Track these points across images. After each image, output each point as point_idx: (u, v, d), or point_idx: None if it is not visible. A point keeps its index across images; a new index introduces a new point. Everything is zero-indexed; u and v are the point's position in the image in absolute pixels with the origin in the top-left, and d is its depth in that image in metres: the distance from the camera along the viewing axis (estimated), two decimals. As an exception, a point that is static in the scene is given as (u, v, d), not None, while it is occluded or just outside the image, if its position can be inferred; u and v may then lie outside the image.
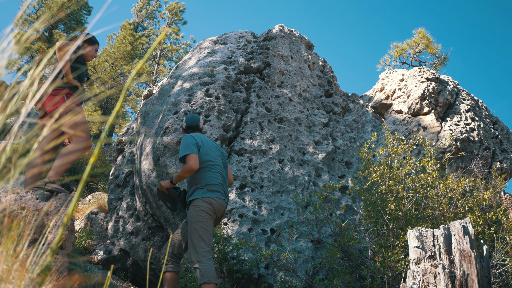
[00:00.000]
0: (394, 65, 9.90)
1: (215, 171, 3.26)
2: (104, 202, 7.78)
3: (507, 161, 6.85)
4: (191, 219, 3.06)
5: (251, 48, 6.60)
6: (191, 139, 3.26)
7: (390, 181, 3.63)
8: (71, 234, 3.31)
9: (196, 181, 3.19)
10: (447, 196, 3.64)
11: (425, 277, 2.44)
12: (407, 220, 3.52)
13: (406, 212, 3.52)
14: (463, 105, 7.19)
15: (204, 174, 3.20)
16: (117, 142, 6.73)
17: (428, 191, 3.69)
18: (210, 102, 5.27)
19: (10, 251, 0.84)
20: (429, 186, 3.75)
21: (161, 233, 5.57)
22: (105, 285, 0.81)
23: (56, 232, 3.02)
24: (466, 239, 2.49)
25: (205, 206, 3.07)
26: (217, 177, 3.25)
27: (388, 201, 3.54)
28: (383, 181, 3.69)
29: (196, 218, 3.04)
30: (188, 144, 3.20)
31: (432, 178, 3.72)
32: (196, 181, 3.19)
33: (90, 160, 0.59)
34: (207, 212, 3.07)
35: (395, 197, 3.60)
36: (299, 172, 5.22)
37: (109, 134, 23.98)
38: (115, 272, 5.80)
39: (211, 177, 3.21)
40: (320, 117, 6.24)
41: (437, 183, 3.73)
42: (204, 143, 3.33)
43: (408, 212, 3.54)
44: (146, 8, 25.56)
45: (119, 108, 0.61)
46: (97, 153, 0.59)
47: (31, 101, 0.69)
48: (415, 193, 3.64)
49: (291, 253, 4.21)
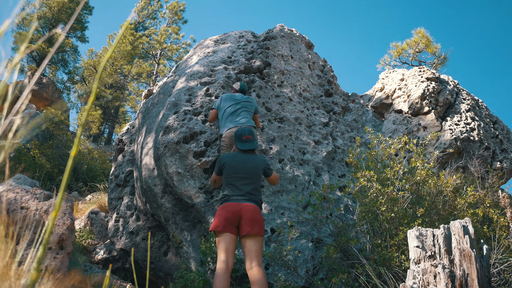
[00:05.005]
0: (394, 65, 9.89)
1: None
2: (104, 201, 7.79)
3: (507, 161, 6.84)
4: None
5: (251, 47, 6.60)
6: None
7: (378, 184, 3.63)
8: (71, 234, 3.32)
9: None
10: (439, 194, 3.64)
11: (425, 277, 2.44)
12: (400, 220, 3.52)
13: (398, 212, 3.52)
14: (463, 104, 7.18)
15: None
16: (117, 141, 6.73)
17: (419, 190, 3.70)
18: (210, 102, 5.27)
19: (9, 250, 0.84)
20: (419, 185, 3.76)
21: (161, 233, 5.57)
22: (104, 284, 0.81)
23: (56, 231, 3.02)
24: (466, 238, 2.49)
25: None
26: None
27: (379, 202, 3.55)
28: (371, 185, 3.70)
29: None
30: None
31: (422, 177, 3.72)
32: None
33: (71, 153, 0.58)
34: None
35: (387, 198, 3.60)
36: (299, 172, 5.22)
37: (109, 134, 23.99)
38: (115, 271, 5.80)
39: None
40: (320, 117, 6.23)
41: (430, 181, 3.73)
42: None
43: (400, 212, 3.54)
44: (147, 8, 25.57)
45: (93, 98, 0.61)
46: (77, 143, 0.59)
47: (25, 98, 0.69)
48: (408, 193, 3.65)
49: (292, 252, 4.21)
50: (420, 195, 3.72)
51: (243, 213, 3.40)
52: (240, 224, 3.40)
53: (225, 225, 3.36)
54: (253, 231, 3.33)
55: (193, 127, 4.91)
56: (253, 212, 3.43)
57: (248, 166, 3.67)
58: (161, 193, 4.84)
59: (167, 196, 4.82)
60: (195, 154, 4.78)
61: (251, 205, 3.46)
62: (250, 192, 3.55)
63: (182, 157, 4.71)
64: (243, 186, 3.56)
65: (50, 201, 3.29)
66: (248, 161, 3.71)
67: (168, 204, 4.82)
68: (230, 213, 3.40)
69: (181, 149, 4.73)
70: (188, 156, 4.73)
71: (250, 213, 3.40)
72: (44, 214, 3.08)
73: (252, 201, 3.50)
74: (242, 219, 3.39)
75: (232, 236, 3.37)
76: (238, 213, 3.41)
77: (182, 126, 4.87)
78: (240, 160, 3.71)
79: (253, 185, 3.60)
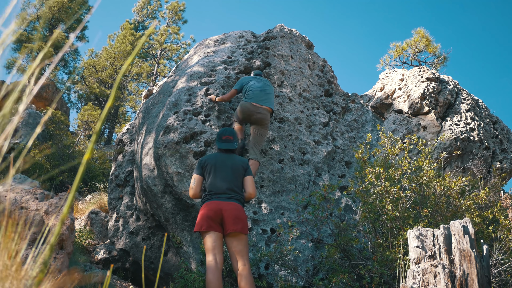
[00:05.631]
0: (394, 65, 9.89)
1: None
2: (104, 201, 7.79)
3: (507, 161, 6.85)
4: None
5: (251, 47, 6.60)
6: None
7: (386, 182, 3.63)
8: (71, 234, 3.32)
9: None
10: (443, 195, 3.64)
11: (425, 277, 2.44)
12: (404, 220, 3.52)
13: (403, 212, 3.52)
14: (463, 104, 7.19)
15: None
16: (117, 141, 6.73)
17: (425, 190, 3.69)
18: (210, 102, 5.27)
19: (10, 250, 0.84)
20: (425, 185, 3.75)
21: (161, 233, 5.57)
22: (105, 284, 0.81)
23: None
24: (466, 238, 2.49)
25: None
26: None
27: (385, 201, 3.54)
28: (380, 182, 3.69)
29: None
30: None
31: (428, 178, 3.72)
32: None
33: (84, 157, 0.58)
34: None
35: (392, 197, 3.60)
36: (299, 172, 5.22)
37: (109, 134, 23.99)
38: (115, 271, 5.80)
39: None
40: (320, 117, 6.24)
41: (435, 182, 3.73)
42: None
43: (405, 212, 3.54)
44: (147, 8, 25.56)
45: (111, 104, 0.61)
46: (91, 149, 0.59)
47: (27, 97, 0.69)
48: (413, 193, 3.64)
49: (292, 251, 4.21)
50: (425, 195, 3.72)
51: (224, 211, 3.39)
52: (223, 223, 3.39)
53: (208, 224, 3.36)
54: (236, 228, 3.32)
55: (193, 127, 4.92)
56: (235, 210, 3.42)
57: (227, 164, 3.68)
58: (161, 193, 4.85)
59: (167, 196, 4.82)
60: (195, 154, 4.78)
61: (232, 203, 3.46)
62: (231, 190, 3.53)
63: (182, 157, 4.72)
64: (224, 183, 3.55)
65: (50, 201, 3.29)
66: (228, 160, 3.73)
67: (168, 204, 4.82)
68: (212, 212, 3.39)
69: (181, 149, 4.73)
70: (188, 156, 4.73)
71: (232, 211, 3.40)
72: (44, 214, 3.08)
73: (234, 199, 3.49)
74: (224, 217, 3.38)
75: (218, 234, 3.37)
76: (220, 211, 3.40)
77: (182, 126, 4.88)
78: (220, 159, 3.73)
79: (234, 183, 3.59)
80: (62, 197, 3.08)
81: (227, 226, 3.37)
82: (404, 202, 3.53)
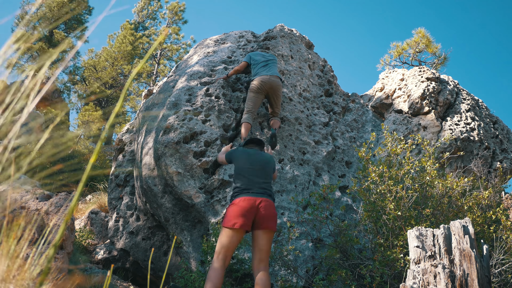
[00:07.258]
0: (394, 65, 9.89)
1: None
2: (104, 201, 7.79)
3: (507, 161, 6.85)
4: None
5: (251, 47, 6.59)
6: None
7: (389, 180, 3.63)
8: (71, 234, 3.32)
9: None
10: (445, 195, 3.64)
11: (425, 277, 2.44)
12: (406, 219, 3.52)
13: (405, 211, 3.52)
14: (463, 104, 7.19)
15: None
16: (118, 141, 6.73)
17: (427, 190, 3.69)
18: (210, 102, 5.27)
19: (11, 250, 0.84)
20: (427, 185, 3.75)
21: (161, 233, 5.57)
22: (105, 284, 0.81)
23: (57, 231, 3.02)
24: (466, 238, 2.49)
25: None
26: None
27: (387, 200, 3.54)
28: (382, 181, 3.69)
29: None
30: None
31: (430, 178, 3.72)
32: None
33: (90, 159, 0.59)
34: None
35: (394, 197, 3.60)
36: (299, 172, 5.22)
37: (109, 134, 23.99)
38: (115, 271, 5.80)
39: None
40: (320, 117, 6.24)
41: (436, 183, 3.73)
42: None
43: (407, 212, 3.54)
44: (147, 8, 25.56)
45: (119, 108, 0.61)
46: (97, 152, 0.59)
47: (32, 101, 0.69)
48: (414, 192, 3.64)
49: (292, 252, 4.21)
50: (427, 195, 3.71)
51: (261, 207, 3.27)
52: (257, 219, 3.26)
53: (242, 222, 3.18)
54: (271, 226, 3.24)
55: (193, 127, 4.92)
56: (271, 207, 3.33)
57: (260, 158, 3.62)
58: (161, 193, 4.85)
59: (167, 196, 4.82)
60: (195, 154, 4.78)
61: (268, 200, 3.35)
62: (263, 186, 3.44)
63: (182, 157, 4.72)
64: (256, 178, 3.45)
65: (50, 201, 3.29)
66: (259, 155, 3.69)
67: (168, 204, 4.82)
68: (247, 208, 3.24)
69: (181, 149, 4.73)
70: (188, 156, 4.73)
71: (269, 208, 3.29)
72: (44, 214, 3.08)
73: (267, 195, 3.39)
74: (259, 214, 3.25)
75: (242, 233, 3.24)
76: (255, 207, 3.26)
77: (182, 126, 4.87)
78: (252, 153, 3.68)
79: (265, 179, 3.51)
80: (62, 197, 3.09)
81: (263, 223, 3.24)
82: (405, 202, 3.53)
